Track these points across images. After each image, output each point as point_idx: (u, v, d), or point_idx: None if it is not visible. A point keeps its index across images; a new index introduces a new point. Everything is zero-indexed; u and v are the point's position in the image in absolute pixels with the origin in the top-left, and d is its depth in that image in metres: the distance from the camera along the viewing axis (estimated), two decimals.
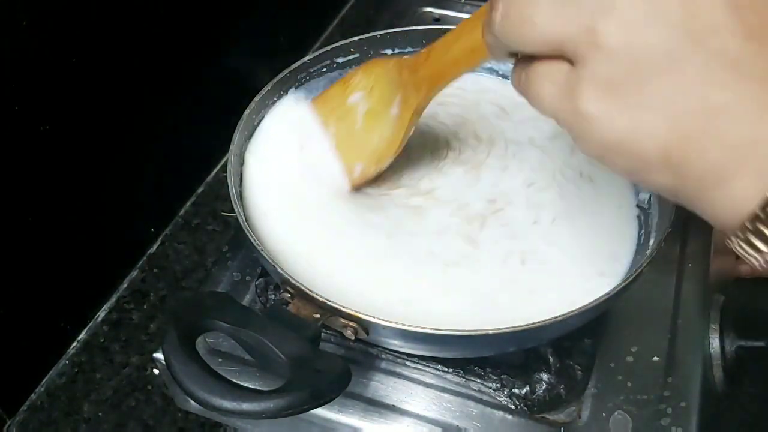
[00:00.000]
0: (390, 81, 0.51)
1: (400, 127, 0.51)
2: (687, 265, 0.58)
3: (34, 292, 0.59)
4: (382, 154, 0.53)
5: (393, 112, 0.51)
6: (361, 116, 0.53)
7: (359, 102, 0.53)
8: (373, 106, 0.52)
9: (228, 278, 0.59)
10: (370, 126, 0.53)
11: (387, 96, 0.51)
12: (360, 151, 0.53)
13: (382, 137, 0.52)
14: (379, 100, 0.52)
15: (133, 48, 0.61)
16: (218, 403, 0.37)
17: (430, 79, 0.48)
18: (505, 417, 0.50)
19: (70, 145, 0.58)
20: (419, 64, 0.49)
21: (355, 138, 0.53)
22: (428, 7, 0.89)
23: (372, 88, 0.52)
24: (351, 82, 0.54)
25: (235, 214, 0.48)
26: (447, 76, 0.47)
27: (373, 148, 0.53)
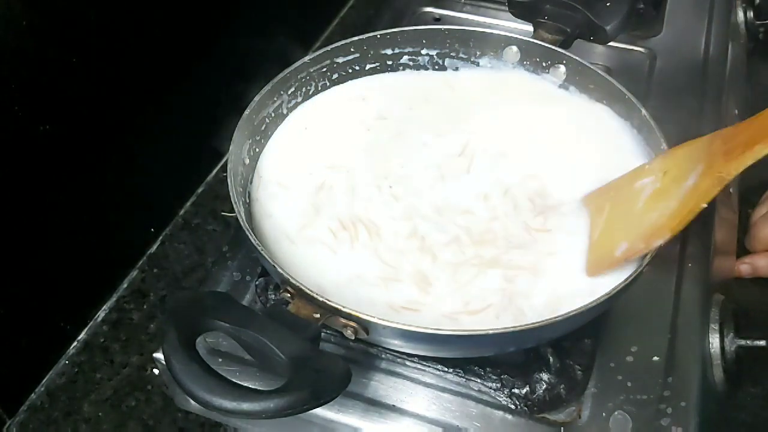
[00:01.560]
0: (692, 157, 0.47)
1: (689, 198, 0.46)
2: (687, 265, 0.58)
3: (34, 292, 0.59)
4: (659, 228, 0.47)
5: (687, 184, 0.46)
6: (645, 197, 0.49)
7: (647, 185, 0.49)
8: (663, 186, 0.48)
9: (228, 278, 0.59)
10: (652, 205, 0.48)
11: (683, 174, 0.47)
12: (629, 230, 0.48)
13: (663, 213, 0.47)
14: (672, 180, 0.48)
15: (132, 48, 0.61)
16: (218, 403, 0.37)
17: (746, 144, 0.43)
18: (505, 417, 0.50)
19: (70, 145, 0.58)
20: (737, 131, 0.45)
21: (629, 219, 0.49)
22: (428, 7, 0.89)
23: (667, 171, 0.49)
24: (645, 168, 0.51)
25: (235, 214, 0.48)
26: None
27: (650, 223, 0.47)
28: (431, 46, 0.65)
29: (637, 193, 0.50)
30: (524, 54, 0.63)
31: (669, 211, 0.47)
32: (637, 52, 0.80)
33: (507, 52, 0.64)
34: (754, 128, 0.44)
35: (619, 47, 0.80)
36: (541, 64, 0.63)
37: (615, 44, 0.78)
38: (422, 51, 0.65)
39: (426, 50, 0.65)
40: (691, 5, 0.85)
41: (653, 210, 0.48)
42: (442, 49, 0.65)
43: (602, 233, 0.51)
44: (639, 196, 0.49)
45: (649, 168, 0.51)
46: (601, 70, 0.61)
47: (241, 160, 0.55)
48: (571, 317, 0.42)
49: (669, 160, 0.50)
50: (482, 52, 0.65)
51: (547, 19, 0.65)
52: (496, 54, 0.64)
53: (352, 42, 0.62)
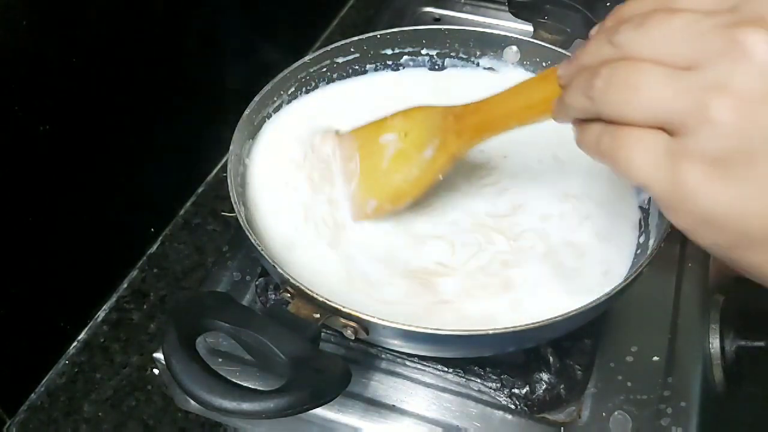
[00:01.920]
0: (429, 126, 0.50)
1: (429, 170, 0.50)
2: (687, 265, 0.58)
3: (34, 292, 0.59)
4: (403, 193, 0.52)
5: (426, 155, 0.50)
6: (390, 156, 0.52)
7: (390, 143, 0.52)
8: (405, 149, 0.51)
9: (228, 278, 0.59)
10: (396, 167, 0.52)
11: (422, 141, 0.50)
12: (378, 188, 0.52)
13: (406, 178, 0.51)
14: (412, 144, 0.51)
15: (132, 48, 0.61)
16: (218, 403, 0.37)
17: (475, 128, 0.47)
18: (505, 417, 0.50)
19: (70, 145, 0.58)
20: (468, 112, 0.48)
21: (377, 176, 0.53)
22: (428, 7, 0.89)
23: (407, 133, 0.52)
24: (388, 122, 0.53)
25: (235, 214, 0.48)
26: (495, 127, 0.46)
27: (395, 186, 0.52)
28: (431, 46, 0.65)
29: (382, 148, 0.52)
30: (524, 54, 0.63)
31: (411, 178, 0.51)
32: None
33: (507, 52, 0.64)
34: (485, 112, 0.46)
35: None
36: (541, 64, 0.63)
37: None
38: (422, 51, 0.65)
39: (426, 50, 0.65)
40: None
41: (397, 171, 0.52)
42: (442, 49, 0.65)
43: (357, 185, 0.54)
44: (384, 153, 0.52)
45: (392, 124, 0.53)
46: None
47: (241, 160, 0.55)
48: (571, 317, 0.42)
49: (409, 121, 0.52)
50: (482, 52, 0.65)
51: (547, 19, 0.65)
52: (496, 54, 0.64)
53: (352, 42, 0.62)
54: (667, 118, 0.30)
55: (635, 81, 0.31)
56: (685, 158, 0.29)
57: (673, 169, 0.30)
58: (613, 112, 0.32)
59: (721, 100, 0.28)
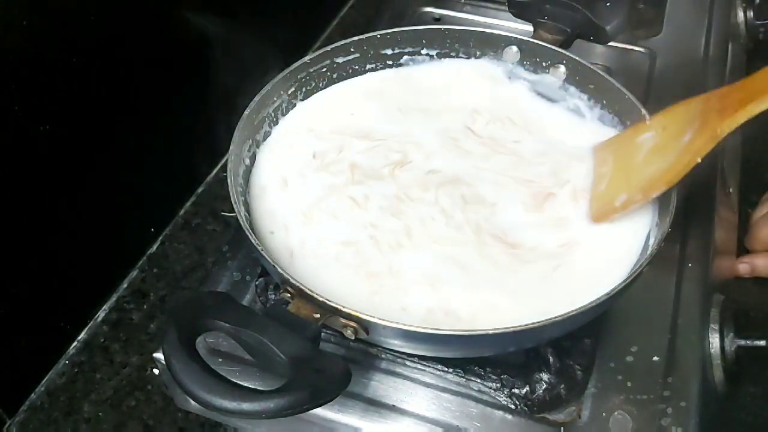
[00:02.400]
0: (689, 114, 0.49)
1: (685, 153, 0.48)
2: (687, 265, 0.58)
3: (34, 292, 0.59)
4: (656, 181, 0.49)
5: (684, 140, 0.48)
6: (645, 152, 0.51)
7: (647, 140, 0.52)
8: (661, 142, 0.51)
9: (228, 278, 0.59)
10: (651, 159, 0.51)
11: (681, 130, 0.49)
12: (629, 183, 0.51)
13: (660, 166, 0.49)
14: (670, 136, 0.50)
15: (132, 48, 0.61)
16: (218, 403, 0.37)
17: (740, 102, 0.45)
18: (505, 417, 0.50)
19: (71, 145, 0.58)
20: (732, 90, 0.47)
21: (629, 172, 0.52)
22: (428, 7, 0.89)
23: (665, 127, 0.51)
24: (645, 124, 0.53)
25: (235, 214, 0.48)
26: (761, 98, 0.43)
27: (648, 176, 0.50)
28: (431, 46, 0.65)
29: (638, 147, 0.52)
30: (524, 54, 0.63)
31: (666, 165, 0.49)
32: (637, 52, 0.80)
33: (507, 52, 0.64)
34: (748, 88, 0.46)
35: (619, 47, 0.80)
36: (541, 64, 0.63)
37: (615, 44, 0.78)
38: (422, 51, 0.65)
39: (426, 50, 0.65)
40: (691, 5, 0.85)
41: (652, 164, 0.50)
42: (442, 49, 0.65)
43: (607, 184, 0.53)
44: (640, 151, 0.52)
45: (650, 124, 0.53)
46: (601, 70, 0.60)
47: (241, 160, 0.55)
48: (571, 317, 0.42)
49: (668, 116, 0.52)
50: (482, 52, 0.65)
51: (547, 19, 0.65)
52: (496, 54, 0.64)
53: (352, 42, 0.62)
54: None
55: None
56: None
57: None
58: None
59: None
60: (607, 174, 0.54)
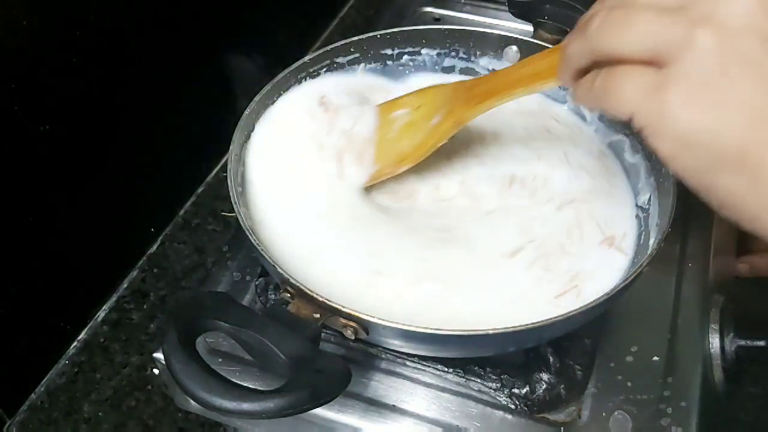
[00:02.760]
0: (440, 99, 0.53)
1: (433, 134, 0.53)
2: (687, 265, 0.58)
3: (34, 292, 0.59)
4: (405, 156, 0.54)
5: (432, 123, 0.53)
6: (399, 127, 0.55)
7: (402, 116, 0.55)
8: (414, 119, 0.54)
9: (228, 278, 0.59)
10: (403, 135, 0.55)
11: (431, 112, 0.53)
12: (383, 154, 0.55)
13: (410, 143, 0.54)
14: (421, 115, 0.54)
15: (133, 48, 0.61)
16: (218, 403, 0.37)
17: (483, 95, 0.50)
18: (505, 417, 0.50)
19: (70, 145, 0.58)
20: (479, 82, 0.51)
21: (384, 145, 0.55)
22: (428, 7, 0.89)
23: (419, 106, 0.54)
24: (401, 100, 0.56)
25: (235, 214, 0.48)
26: (501, 93, 0.48)
27: (398, 151, 0.54)
28: (431, 46, 0.65)
29: (392, 122, 0.55)
30: (524, 54, 0.63)
31: (415, 143, 0.53)
32: None
33: (507, 52, 0.64)
34: (493, 82, 0.50)
35: None
36: None
37: None
38: (422, 51, 0.65)
39: (426, 50, 0.65)
40: None
41: (403, 139, 0.54)
42: (442, 49, 0.65)
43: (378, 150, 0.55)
44: (392, 126, 0.55)
45: (405, 100, 0.56)
46: None
47: (241, 160, 0.55)
48: (571, 317, 0.42)
49: (421, 97, 0.55)
50: (482, 52, 0.65)
51: (547, 19, 0.65)
52: (496, 54, 0.64)
53: (352, 42, 0.62)
54: (655, 49, 0.33)
55: (628, 18, 0.34)
56: (669, 85, 0.32)
57: (658, 97, 0.32)
58: (607, 47, 0.35)
59: (704, 29, 0.31)
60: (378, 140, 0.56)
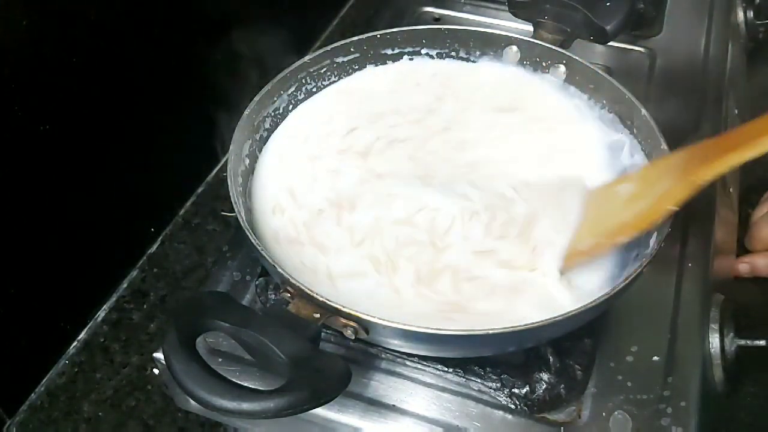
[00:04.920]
0: (670, 165, 0.49)
1: (662, 199, 0.48)
2: (687, 265, 0.58)
3: (34, 292, 0.59)
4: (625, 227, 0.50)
5: (661, 187, 0.48)
6: (623, 201, 0.51)
7: (627, 189, 0.52)
8: (639, 190, 0.51)
9: (228, 278, 0.59)
10: (625, 206, 0.51)
11: (660, 178, 0.49)
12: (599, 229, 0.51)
13: (633, 213, 0.49)
14: (647, 184, 0.50)
15: (133, 48, 0.61)
16: (218, 402, 0.37)
17: (722, 151, 0.45)
18: (505, 417, 0.50)
19: (70, 145, 0.58)
20: (719, 140, 0.47)
21: (603, 218, 0.52)
22: (428, 7, 0.89)
23: (646, 178, 0.51)
24: (630, 175, 0.54)
25: (235, 214, 0.48)
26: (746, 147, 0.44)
27: (619, 222, 0.50)
28: (431, 46, 0.65)
29: (616, 196, 0.52)
30: (524, 54, 0.63)
31: (639, 211, 0.49)
32: (637, 52, 0.80)
33: (507, 52, 0.64)
34: (734, 139, 0.46)
35: (619, 47, 0.80)
36: (541, 64, 0.63)
37: (615, 44, 0.78)
38: (422, 51, 0.65)
39: (426, 50, 0.65)
40: (691, 5, 0.85)
41: (626, 210, 0.50)
42: (442, 49, 0.65)
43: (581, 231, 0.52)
44: (617, 199, 0.52)
45: (633, 176, 0.53)
46: (601, 70, 0.61)
47: (241, 160, 0.55)
48: (571, 317, 0.42)
49: (650, 169, 0.52)
50: (482, 52, 0.65)
51: (547, 19, 0.65)
52: (496, 54, 0.64)
53: (352, 42, 0.62)
54: None
55: None
56: None
57: None
58: None
59: None
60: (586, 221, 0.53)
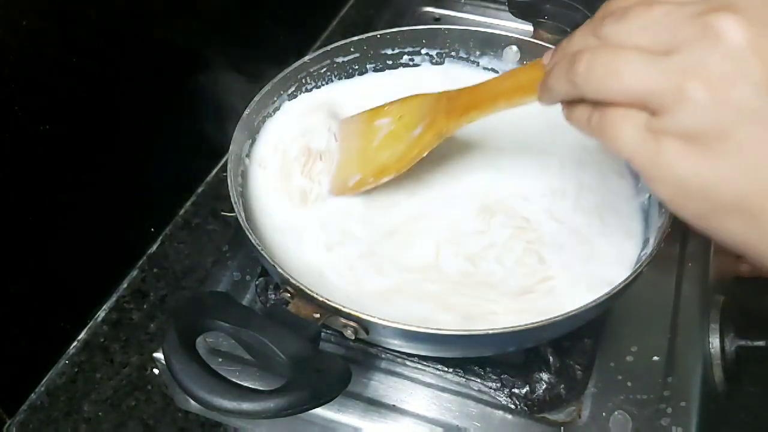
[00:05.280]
0: (423, 109, 0.53)
1: (414, 146, 0.52)
2: (687, 265, 0.58)
3: (34, 292, 0.59)
4: (387, 167, 0.53)
5: (414, 134, 0.52)
6: (381, 137, 0.54)
7: (384, 125, 0.55)
8: (396, 130, 0.54)
9: (228, 278, 0.59)
10: (385, 145, 0.54)
11: (414, 122, 0.53)
12: (365, 165, 0.54)
13: (393, 154, 0.53)
14: (404, 126, 0.53)
15: (132, 47, 0.61)
16: (218, 402, 0.37)
17: (464, 108, 0.49)
18: (505, 417, 0.50)
19: (70, 145, 0.58)
20: (461, 94, 0.50)
21: (366, 154, 0.55)
22: (428, 6, 0.89)
23: (402, 116, 0.54)
24: (384, 108, 0.56)
25: (235, 214, 0.48)
26: (483, 107, 0.47)
27: (381, 162, 0.53)
28: (431, 46, 0.65)
29: (375, 131, 0.55)
30: (524, 54, 0.63)
31: (398, 154, 0.52)
32: None
33: (507, 52, 0.64)
34: (475, 94, 0.49)
35: None
36: None
37: None
38: (422, 51, 0.65)
39: (426, 50, 0.65)
40: None
41: (385, 149, 0.54)
42: (442, 49, 0.65)
43: (342, 161, 0.56)
44: (376, 135, 0.55)
45: (389, 109, 0.55)
46: None
47: (241, 160, 0.55)
48: (571, 317, 0.42)
49: (404, 106, 0.55)
50: (482, 52, 0.65)
51: (547, 19, 0.65)
52: (496, 54, 0.64)
53: (352, 42, 0.62)
54: (647, 98, 0.32)
55: (616, 66, 0.33)
56: (664, 134, 0.32)
57: (654, 144, 0.32)
58: (597, 94, 0.34)
59: (696, 82, 0.30)
60: (348, 150, 0.57)
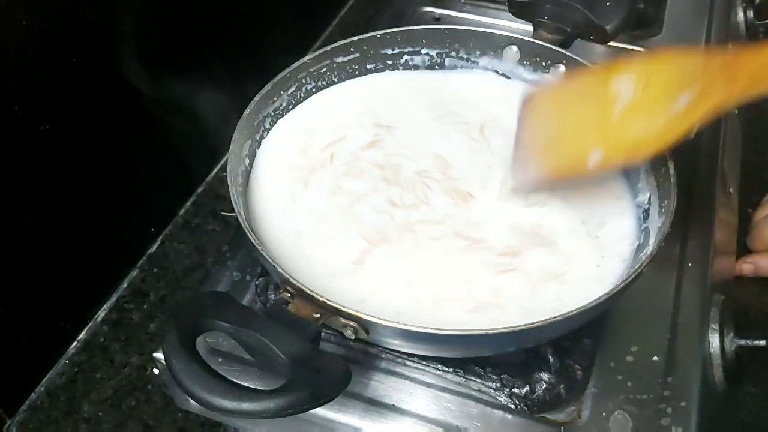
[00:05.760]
0: (683, 75, 0.44)
1: (684, 118, 0.43)
2: (687, 265, 0.58)
3: (34, 292, 0.59)
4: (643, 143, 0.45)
5: (679, 104, 0.44)
6: (622, 107, 0.46)
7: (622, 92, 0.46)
8: (645, 100, 0.45)
9: (228, 278, 0.59)
10: (631, 118, 0.46)
11: (670, 89, 0.44)
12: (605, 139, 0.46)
13: (649, 127, 0.45)
14: (654, 95, 0.45)
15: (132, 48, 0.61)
16: (218, 402, 0.37)
17: (752, 77, 0.42)
18: (505, 417, 0.50)
19: (70, 145, 0.58)
20: (742, 58, 0.43)
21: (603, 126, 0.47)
22: (428, 6, 0.89)
23: (646, 84, 0.45)
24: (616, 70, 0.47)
25: (235, 214, 0.48)
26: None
27: (632, 136, 0.45)
28: (431, 46, 0.65)
29: (611, 99, 0.47)
30: (524, 54, 0.63)
31: (655, 129, 0.45)
32: (637, 52, 0.80)
33: (507, 52, 0.64)
34: (761, 61, 0.42)
35: (619, 47, 0.80)
36: (541, 64, 0.63)
37: (615, 44, 0.78)
38: (422, 51, 0.65)
39: (426, 50, 0.65)
40: (691, 5, 0.85)
41: (633, 124, 0.46)
42: (442, 49, 0.65)
43: (565, 135, 0.48)
44: (613, 104, 0.46)
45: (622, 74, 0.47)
46: None
47: (241, 160, 0.55)
48: (571, 317, 0.42)
49: (647, 70, 0.46)
50: (482, 52, 0.65)
51: (547, 19, 0.65)
52: (496, 54, 0.64)
53: (352, 42, 0.62)
54: None
55: None
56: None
57: None
58: None
59: None
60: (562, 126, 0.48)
